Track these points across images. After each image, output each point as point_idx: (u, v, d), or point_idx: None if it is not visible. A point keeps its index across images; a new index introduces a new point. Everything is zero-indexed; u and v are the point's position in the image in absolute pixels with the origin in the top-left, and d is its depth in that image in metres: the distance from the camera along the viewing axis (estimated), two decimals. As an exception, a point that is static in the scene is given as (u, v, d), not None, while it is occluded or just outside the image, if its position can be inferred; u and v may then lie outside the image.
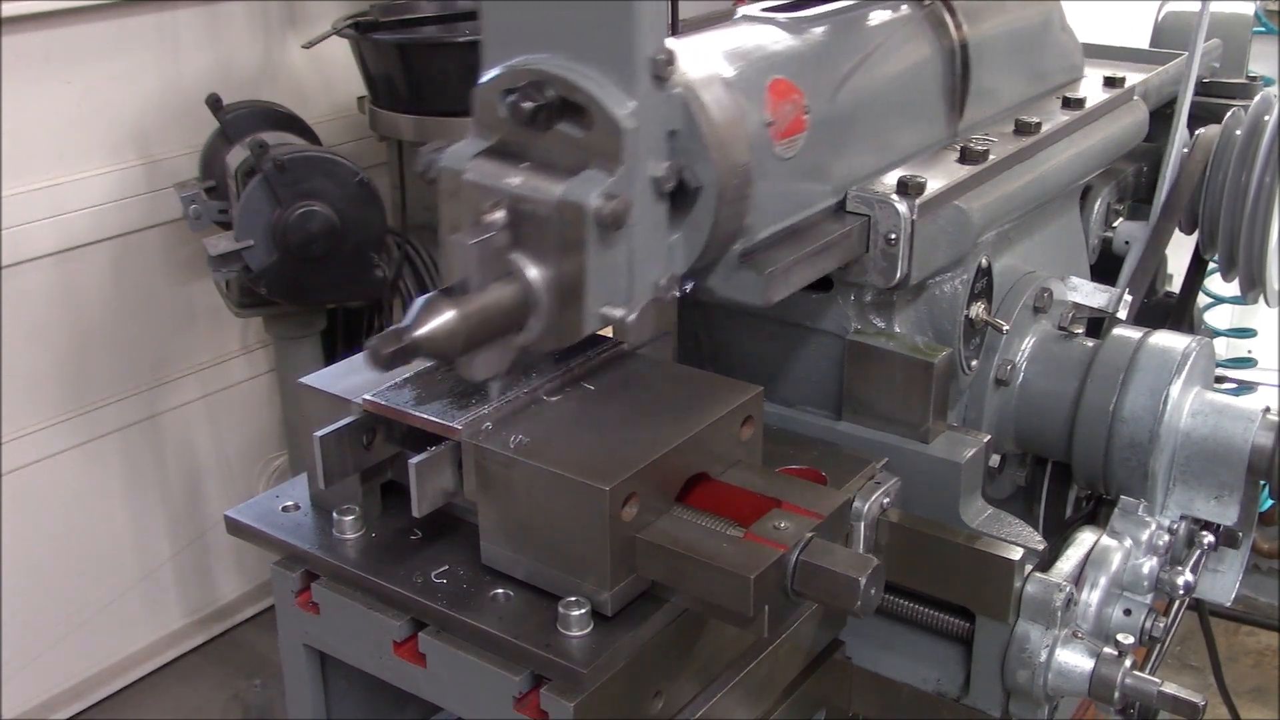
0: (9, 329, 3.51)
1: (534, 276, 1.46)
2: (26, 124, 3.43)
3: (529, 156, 1.48)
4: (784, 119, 1.67)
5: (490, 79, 1.51)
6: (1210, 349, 2.05)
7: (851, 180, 1.82)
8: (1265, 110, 2.42)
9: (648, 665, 1.50)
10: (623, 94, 1.43)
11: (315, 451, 1.55)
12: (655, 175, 1.48)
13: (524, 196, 1.45)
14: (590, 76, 1.44)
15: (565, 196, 1.43)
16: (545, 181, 1.45)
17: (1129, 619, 1.83)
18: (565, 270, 1.45)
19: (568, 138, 1.46)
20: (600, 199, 1.41)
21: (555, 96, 1.45)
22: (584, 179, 1.43)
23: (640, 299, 1.51)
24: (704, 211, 1.55)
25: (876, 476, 1.81)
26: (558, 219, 1.43)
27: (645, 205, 1.48)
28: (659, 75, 1.46)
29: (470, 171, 1.50)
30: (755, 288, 1.64)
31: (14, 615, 3.68)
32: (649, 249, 1.51)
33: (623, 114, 1.43)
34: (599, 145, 1.44)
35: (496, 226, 1.44)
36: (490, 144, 1.51)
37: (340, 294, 3.44)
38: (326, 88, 4.09)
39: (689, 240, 1.57)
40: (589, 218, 1.41)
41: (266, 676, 3.90)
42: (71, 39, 3.49)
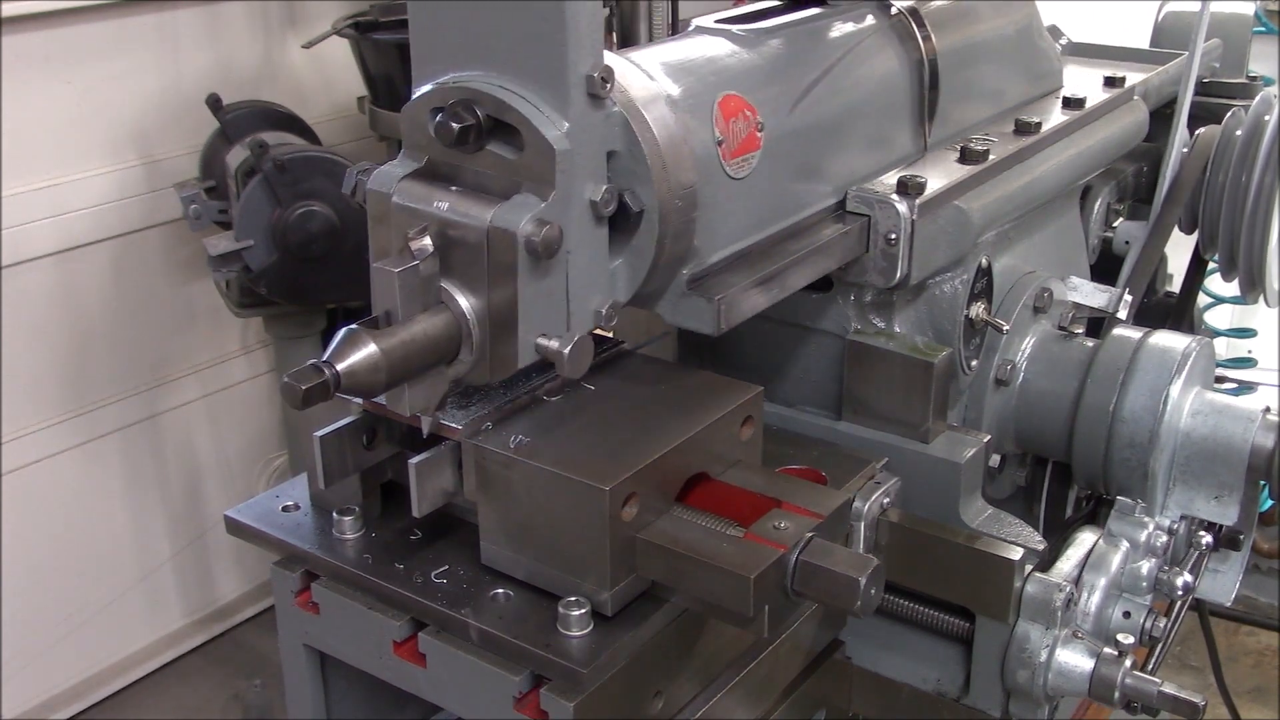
0: (9, 329, 3.50)
1: (465, 306, 1.40)
2: (26, 124, 3.43)
3: (459, 179, 1.42)
4: (735, 137, 1.59)
5: (418, 96, 1.44)
6: (1210, 349, 2.05)
7: (811, 200, 1.76)
8: (1265, 110, 2.42)
9: (648, 665, 1.50)
10: (556, 114, 1.37)
11: (315, 451, 1.55)
12: (593, 199, 1.41)
13: (452, 221, 1.39)
14: (522, 95, 1.37)
15: (494, 223, 1.36)
16: (475, 206, 1.38)
17: (1129, 619, 1.83)
18: (497, 299, 1.38)
19: (499, 159, 1.39)
20: (531, 225, 1.35)
21: (485, 116, 1.38)
22: (515, 204, 1.37)
23: (579, 328, 1.45)
24: (647, 236, 1.48)
25: (876, 476, 1.81)
26: (488, 246, 1.37)
27: (583, 230, 1.42)
28: (595, 94, 1.39)
29: (398, 194, 1.43)
30: (705, 316, 1.56)
31: (14, 615, 3.68)
32: (588, 276, 1.45)
33: (555, 135, 1.36)
34: (531, 168, 1.37)
35: (424, 254, 1.37)
36: (420, 165, 1.45)
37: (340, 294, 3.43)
38: (326, 88, 4.08)
39: (632, 266, 1.51)
40: (520, 245, 1.35)
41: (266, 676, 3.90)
42: (71, 39, 3.48)
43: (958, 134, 2.05)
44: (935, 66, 1.94)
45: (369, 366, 1.32)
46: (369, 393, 1.37)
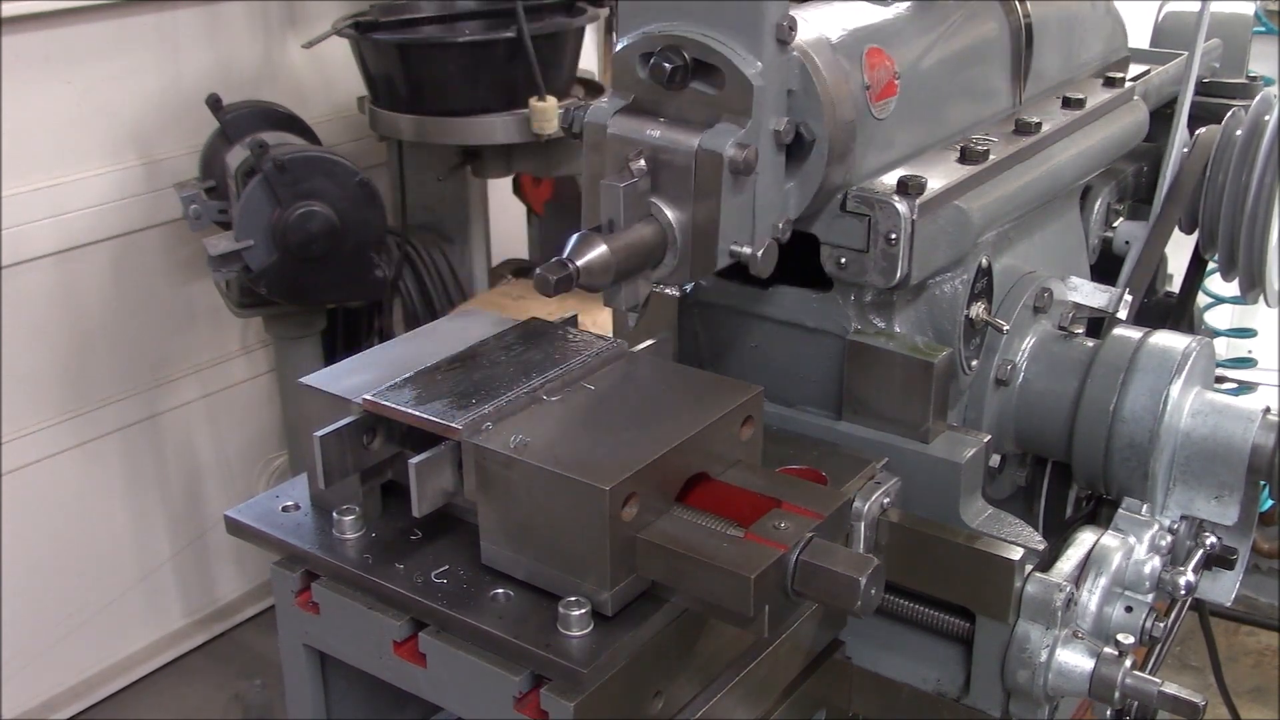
0: (9, 329, 3.51)
1: (672, 218, 1.62)
2: (26, 124, 3.43)
3: (663, 113, 1.65)
4: (879, 83, 1.83)
5: (627, 44, 1.67)
6: (1210, 349, 2.05)
7: (932, 141, 1.98)
8: (1265, 110, 2.41)
9: (648, 665, 1.50)
10: (751, 56, 1.59)
11: (315, 451, 1.55)
12: (777, 129, 1.64)
13: (664, 146, 1.62)
14: (721, 41, 1.60)
15: (704, 145, 1.59)
16: (683, 133, 1.61)
17: (1129, 619, 1.83)
18: (700, 212, 1.61)
19: (700, 96, 1.62)
20: (734, 148, 1.58)
21: (690, 58, 1.61)
22: (718, 131, 1.59)
23: (763, 239, 1.67)
24: (816, 163, 1.72)
25: (876, 476, 1.81)
26: (696, 166, 1.59)
27: (767, 155, 1.64)
28: (782, 39, 1.61)
29: (613, 125, 1.66)
30: (856, 233, 1.80)
31: (14, 615, 3.68)
32: (770, 195, 1.67)
33: (753, 73, 1.59)
34: (730, 102, 1.60)
35: (641, 172, 1.60)
36: (627, 103, 1.67)
37: (340, 294, 3.44)
38: (326, 88, 4.09)
39: (802, 188, 1.73)
40: (724, 165, 1.58)
41: (266, 676, 3.90)
42: (71, 39, 3.49)
43: (1045, 90, 2.25)
44: (1030, 29, 2.16)
45: (602, 264, 1.52)
46: (599, 286, 1.56)
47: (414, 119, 3.60)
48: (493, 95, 3.53)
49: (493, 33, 3.53)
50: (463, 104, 3.55)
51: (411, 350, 1.76)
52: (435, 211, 4.10)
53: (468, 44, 3.51)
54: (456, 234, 4.10)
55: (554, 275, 1.48)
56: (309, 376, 1.70)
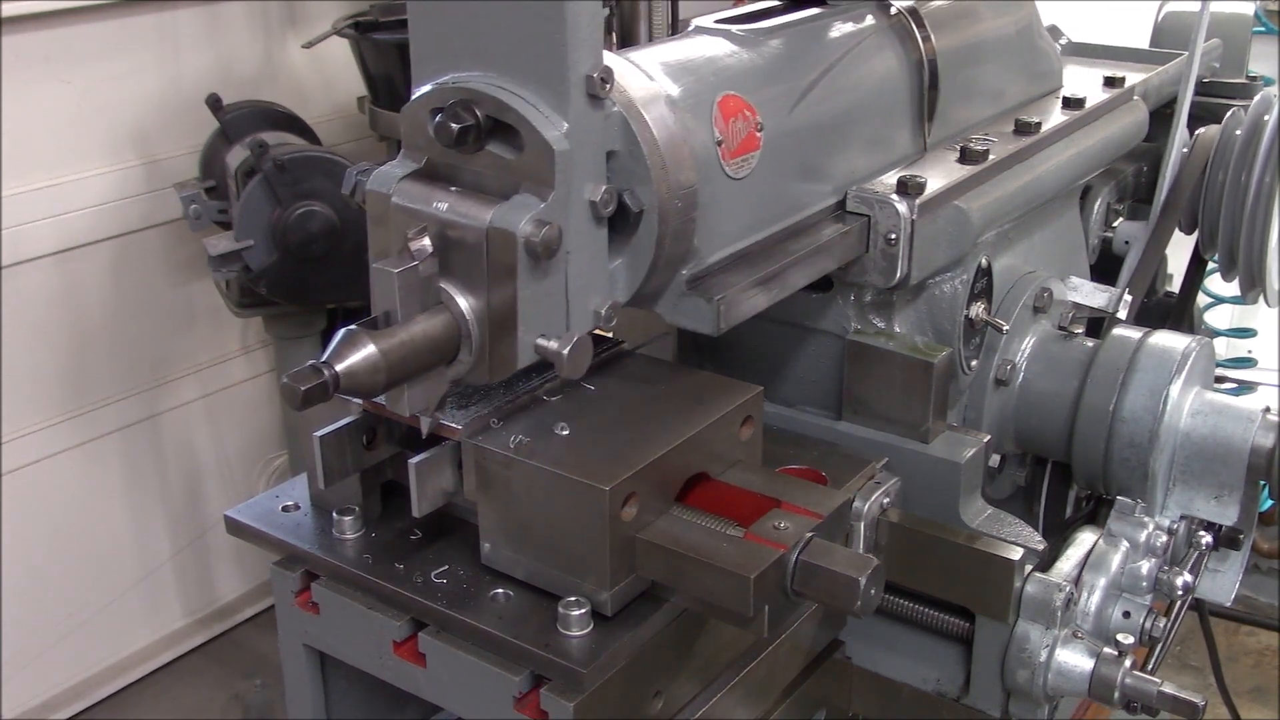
0: (9, 329, 3.50)
1: (464, 307, 1.40)
2: (26, 124, 3.43)
3: (459, 179, 1.42)
4: (735, 137, 1.59)
5: (418, 97, 1.44)
6: (1210, 349, 2.05)
7: (811, 199, 1.76)
8: (1265, 110, 2.42)
9: (648, 665, 1.50)
10: (556, 114, 1.37)
11: (315, 451, 1.55)
12: (592, 199, 1.41)
13: (452, 222, 1.39)
14: (522, 96, 1.38)
15: (494, 223, 1.37)
16: (475, 206, 1.39)
17: (1129, 619, 1.83)
18: (496, 300, 1.39)
19: (499, 160, 1.40)
20: (531, 225, 1.35)
21: (484, 116, 1.38)
22: (514, 204, 1.37)
23: (579, 328, 1.45)
24: (646, 236, 1.48)
25: (876, 476, 1.81)
26: (487, 247, 1.37)
27: (582, 230, 1.42)
28: (594, 94, 1.39)
29: (397, 195, 1.43)
30: (705, 316, 1.56)
31: (14, 615, 3.68)
32: (587, 276, 1.45)
33: (555, 135, 1.36)
34: (531, 168, 1.37)
35: (424, 254, 1.37)
36: (419, 166, 1.45)
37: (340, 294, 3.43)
38: (326, 88, 4.08)
39: (631, 266, 1.51)
40: (519, 245, 1.35)
41: (266, 676, 3.90)
42: (71, 39, 3.48)
43: (958, 134, 2.05)
44: (935, 66, 1.94)
45: (368, 367, 1.32)
46: (368, 393, 1.37)
47: (414, 119, 3.60)
48: (492, 95, 3.53)
49: (492, 33, 3.52)
50: (462, 104, 3.54)
51: (411, 350, 1.75)
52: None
53: (468, 44, 3.50)
54: (456, 234, 4.09)
55: (303, 385, 1.27)
56: (309, 377, 1.70)
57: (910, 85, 1.94)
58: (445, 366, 1.43)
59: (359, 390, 1.34)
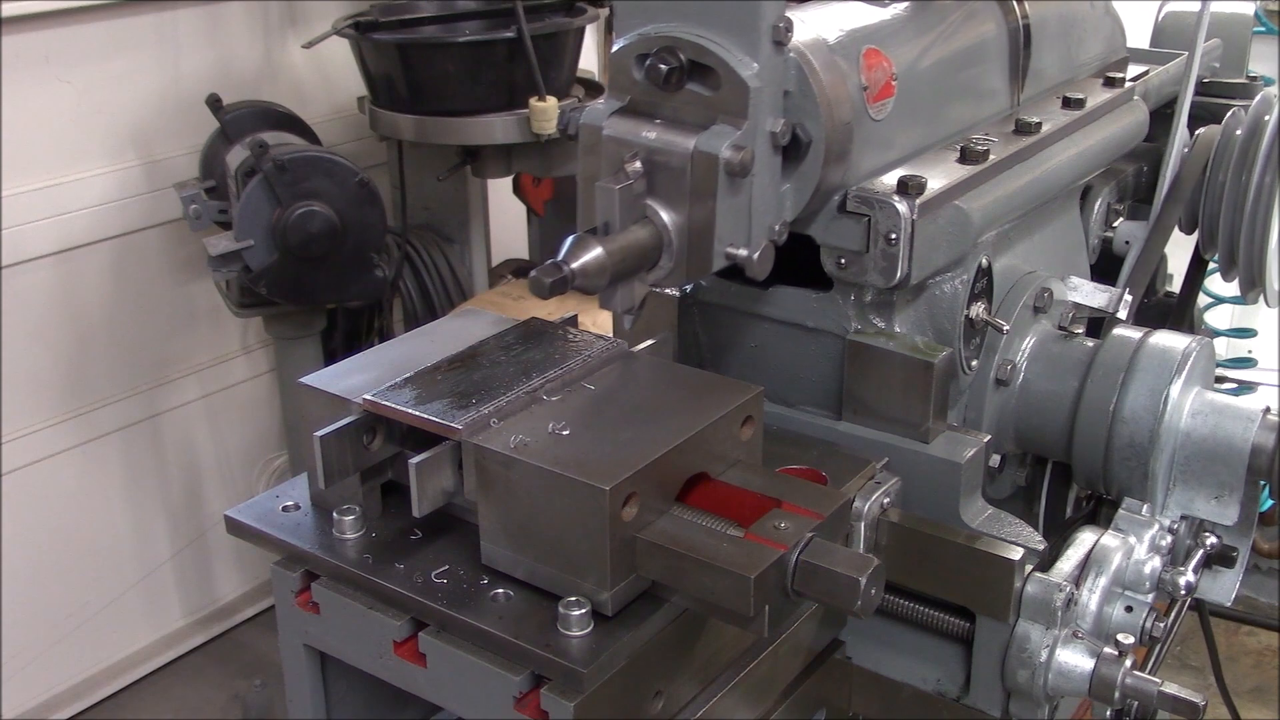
0: (9, 329, 3.50)
1: (667, 220, 1.61)
2: (26, 124, 3.43)
3: (659, 115, 1.64)
4: (876, 84, 1.82)
5: (623, 45, 1.66)
6: (1210, 349, 2.04)
7: (930, 142, 1.98)
8: (1265, 110, 2.41)
9: (648, 665, 1.50)
10: (747, 57, 1.58)
11: (315, 451, 1.55)
12: (773, 130, 1.63)
13: (659, 149, 1.60)
14: (717, 42, 1.59)
15: (699, 147, 1.58)
16: (678, 135, 1.60)
17: (1129, 619, 1.83)
18: (696, 214, 1.60)
19: (696, 97, 1.61)
20: (730, 150, 1.56)
21: (686, 60, 1.60)
22: (714, 133, 1.58)
23: (759, 241, 1.66)
24: (813, 164, 1.70)
25: (876, 476, 1.81)
26: (691, 168, 1.58)
27: (764, 157, 1.63)
28: (779, 41, 1.60)
29: (608, 127, 1.65)
30: (853, 235, 1.79)
31: (14, 615, 3.68)
32: (766, 196, 1.66)
33: (749, 74, 1.57)
34: (726, 103, 1.59)
35: (637, 174, 1.59)
36: (623, 104, 1.66)
37: (340, 294, 3.44)
38: (326, 88, 4.09)
39: (798, 190, 1.72)
40: (720, 167, 1.57)
41: (266, 676, 3.90)
42: (71, 39, 3.49)
43: (1043, 91, 2.25)
44: (1029, 31, 2.17)
45: (597, 266, 1.52)
46: (594, 289, 1.55)
47: (414, 119, 3.60)
48: (492, 95, 3.53)
49: (493, 33, 3.52)
50: (463, 104, 3.55)
51: (411, 350, 1.76)
52: (435, 211, 4.10)
53: (468, 44, 3.51)
54: (456, 234, 4.10)
55: (549, 278, 1.47)
56: (309, 376, 1.70)
57: (1009, 46, 2.16)
58: (646, 272, 1.62)
59: (588, 286, 1.53)
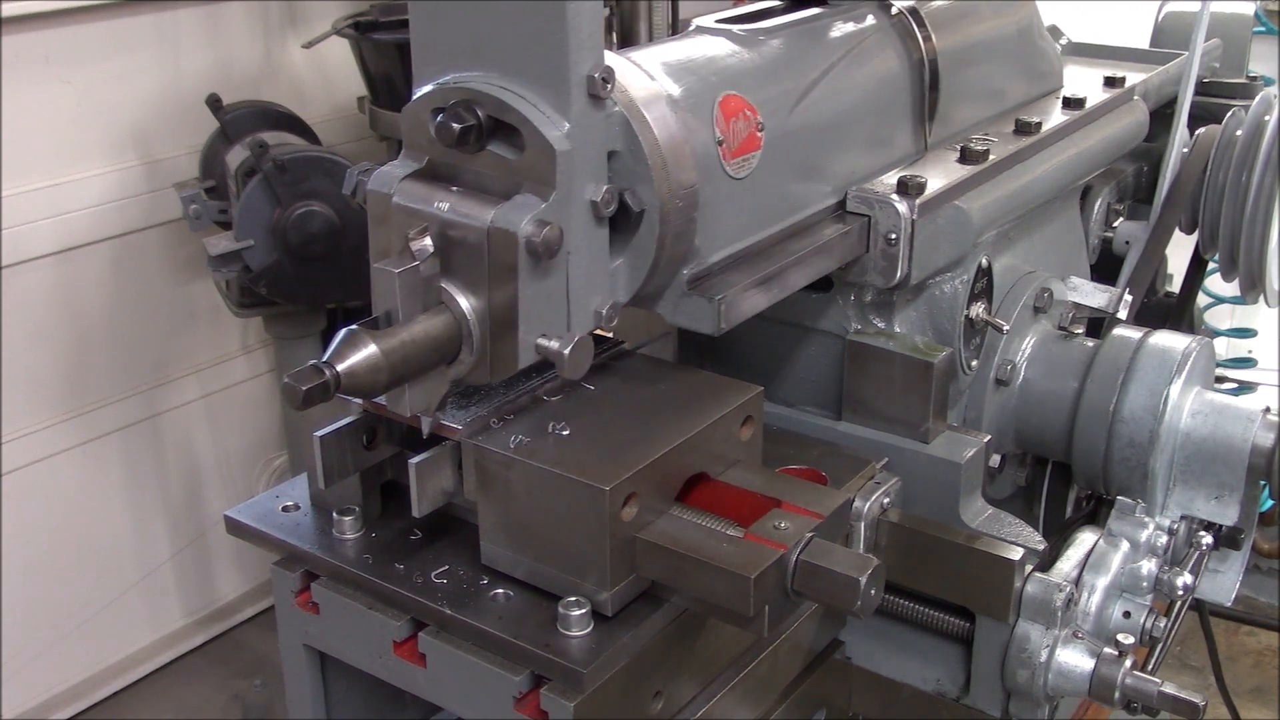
0: (9, 329, 3.50)
1: (465, 307, 1.40)
2: (26, 124, 3.43)
3: (460, 179, 1.43)
4: (736, 137, 1.60)
5: (419, 97, 1.44)
6: (1210, 349, 2.05)
7: (812, 199, 1.76)
8: (1265, 110, 2.42)
9: (648, 665, 1.50)
10: (557, 114, 1.37)
11: (315, 451, 1.55)
12: (594, 199, 1.42)
13: (453, 222, 1.39)
14: (523, 96, 1.38)
15: (495, 223, 1.37)
16: (476, 206, 1.39)
17: (1129, 619, 1.83)
18: (497, 300, 1.39)
19: (500, 160, 1.40)
20: (532, 225, 1.35)
21: (486, 116, 1.38)
22: (515, 204, 1.37)
23: (580, 328, 1.45)
24: (648, 235, 1.49)
25: (876, 476, 1.81)
26: (488, 247, 1.37)
27: (584, 230, 1.42)
28: (595, 94, 1.39)
29: (398, 194, 1.43)
30: (706, 316, 1.57)
31: (14, 615, 3.68)
32: (589, 276, 1.45)
33: (556, 135, 1.37)
34: (532, 168, 1.38)
35: (425, 254, 1.38)
36: (420, 166, 1.45)
37: (340, 294, 3.43)
38: (326, 88, 4.08)
39: (632, 266, 1.51)
40: (520, 245, 1.35)
41: (266, 676, 3.90)
42: (71, 39, 3.48)
43: (958, 134, 2.05)
44: (936, 66, 1.94)
45: (369, 367, 1.32)
46: (369, 393, 1.37)
47: (414, 119, 3.60)
48: (492, 95, 3.53)
49: (492, 33, 3.52)
50: (462, 104, 3.54)
51: (411, 350, 1.75)
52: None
53: (468, 44, 3.50)
54: (456, 234, 4.10)
55: (304, 385, 1.28)
56: (309, 377, 1.70)
57: (911, 85, 1.94)
58: (446, 366, 1.43)
59: (360, 390, 1.34)
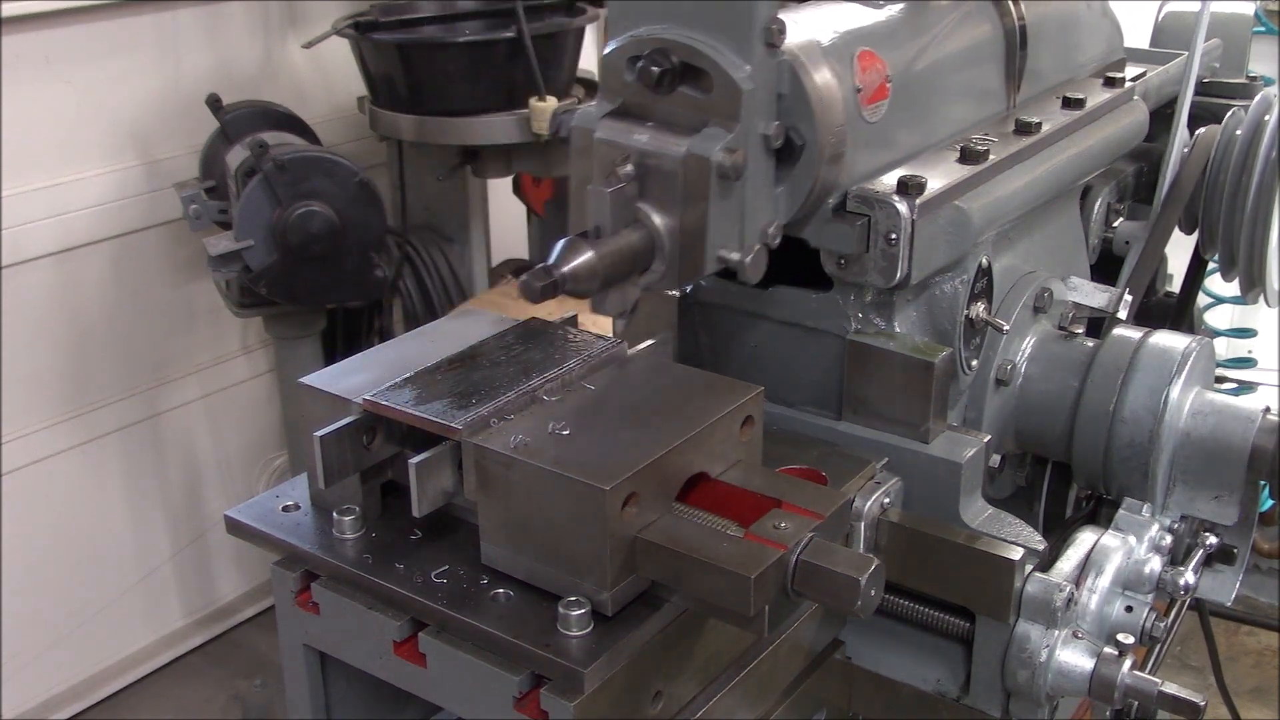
0: (9, 329, 3.51)
1: (659, 223, 1.59)
2: (26, 124, 3.43)
3: (651, 118, 1.63)
4: (870, 86, 1.81)
5: (616, 47, 1.64)
6: (1210, 349, 2.05)
7: (926, 144, 1.96)
8: (1265, 110, 2.41)
9: (648, 665, 1.50)
10: (740, 59, 1.57)
11: (315, 451, 1.55)
12: (766, 133, 1.62)
13: (651, 151, 1.59)
14: (709, 44, 1.57)
15: (691, 150, 1.56)
16: (670, 139, 1.59)
17: (1129, 619, 1.83)
18: (688, 218, 1.59)
19: (688, 99, 1.60)
20: (722, 153, 1.55)
21: (679, 62, 1.58)
22: (706, 135, 1.57)
23: (751, 244, 1.65)
24: (806, 167, 1.69)
25: (876, 476, 1.81)
26: (683, 171, 1.57)
27: (757, 160, 1.63)
28: (771, 43, 1.59)
29: (600, 130, 1.63)
30: (848, 238, 1.78)
31: (14, 615, 3.68)
32: (759, 199, 1.65)
33: (741, 77, 1.56)
34: (718, 106, 1.58)
35: (629, 177, 1.58)
36: (615, 106, 1.65)
37: (340, 294, 3.44)
38: (326, 88, 4.09)
39: (792, 193, 1.71)
40: (712, 170, 1.55)
41: (266, 676, 3.91)
42: (71, 39, 3.49)
43: (1041, 92, 2.24)
44: (1025, 32, 2.14)
45: (588, 270, 1.50)
46: (585, 293, 1.54)
47: (414, 119, 3.60)
48: (493, 95, 3.53)
49: (493, 33, 3.52)
50: (463, 104, 3.55)
51: (411, 350, 1.76)
52: (435, 211, 4.09)
53: (468, 44, 3.51)
54: (456, 234, 4.10)
55: (539, 282, 1.46)
56: (309, 376, 1.70)
57: (1004, 47, 2.15)
58: (639, 275, 1.61)
59: (579, 290, 1.52)
